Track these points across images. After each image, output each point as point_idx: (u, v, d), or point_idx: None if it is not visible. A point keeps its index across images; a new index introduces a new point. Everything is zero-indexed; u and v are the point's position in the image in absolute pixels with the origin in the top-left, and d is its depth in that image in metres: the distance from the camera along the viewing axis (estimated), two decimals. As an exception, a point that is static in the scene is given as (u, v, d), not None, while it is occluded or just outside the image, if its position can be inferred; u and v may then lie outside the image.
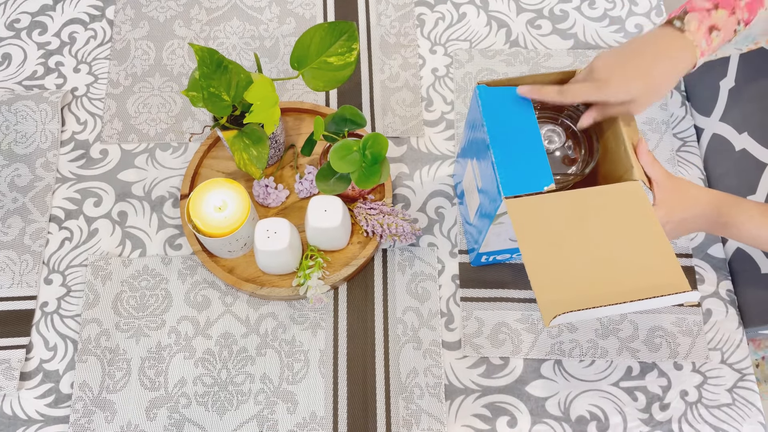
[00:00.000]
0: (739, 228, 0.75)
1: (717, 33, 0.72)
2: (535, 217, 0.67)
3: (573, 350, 0.86)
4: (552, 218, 0.67)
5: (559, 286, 0.63)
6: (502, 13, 1.09)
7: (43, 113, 0.98)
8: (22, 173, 0.95)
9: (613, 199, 0.69)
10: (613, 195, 0.69)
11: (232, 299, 0.89)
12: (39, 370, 0.85)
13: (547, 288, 0.63)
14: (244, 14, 1.08)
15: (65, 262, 0.91)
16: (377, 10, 1.09)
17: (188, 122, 1.00)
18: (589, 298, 0.62)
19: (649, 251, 0.66)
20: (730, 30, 0.73)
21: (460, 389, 0.85)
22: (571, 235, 0.67)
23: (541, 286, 0.63)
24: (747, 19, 0.74)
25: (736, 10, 0.73)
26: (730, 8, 0.73)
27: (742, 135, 0.90)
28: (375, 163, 0.82)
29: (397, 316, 0.88)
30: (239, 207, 0.83)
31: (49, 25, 1.06)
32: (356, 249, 0.90)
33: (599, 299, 0.62)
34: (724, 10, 0.72)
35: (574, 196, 0.69)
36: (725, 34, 0.73)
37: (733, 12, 0.73)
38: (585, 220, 0.67)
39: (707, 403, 0.85)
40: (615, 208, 0.68)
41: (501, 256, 0.88)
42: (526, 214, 0.68)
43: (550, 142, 0.76)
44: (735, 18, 0.73)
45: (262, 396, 0.84)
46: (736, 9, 0.73)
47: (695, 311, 0.89)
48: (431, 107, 1.02)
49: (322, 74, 0.84)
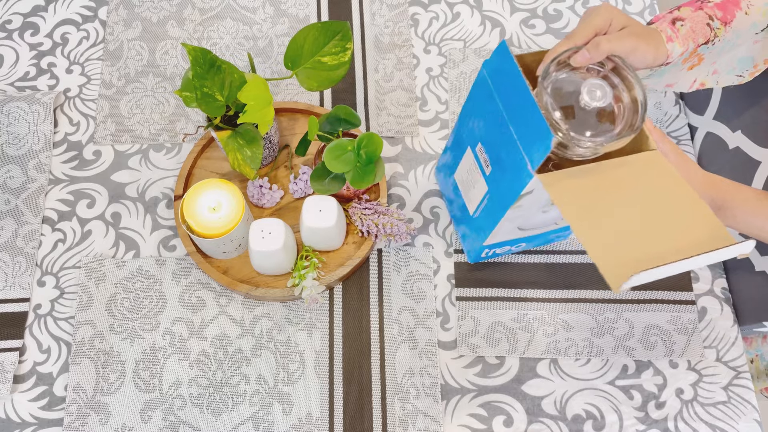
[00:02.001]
0: (734, 212, 0.74)
1: (682, 23, 0.72)
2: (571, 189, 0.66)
3: (569, 349, 0.86)
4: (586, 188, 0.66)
5: (616, 251, 0.62)
6: (496, 13, 1.09)
7: (35, 114, 0.98)
8: (15, 175, 0.95)
9: (638, 167, 0.68)
10: (637, 163, 0.68)
11: (226, 300, 0.88)
12: (32, 373, 0.85)
13: (606, 254, 0.62)
14: (238, 14, 1.08)
15: (58, 263, 0.90)
16: (371, 10, 1.08)
17: (182, 123, 0.99)
18: (649, 258, 0.61)
19: (688, 211, 0.65)
20: (701, 22, 0.73)
21: (456, 389, 0.85)
22: (610, 202, 0.66)
23: (600, 254, 0.62)
24: (723, 18, 0.74)
25: (703, 6, 0.74)
26: (695, 6, 0.74)
27: (735, 133, 0.91)
28: (370, 162, 0.82)
29: (392, 316, 0.88)
30: (233, 207, 0.83)
31: (41, 26, 1.06)
32: (351, 249, 0.89)
33: (659, 258, 0.61)
34: (688, 7, 0.74)
35: (601, 167, 0.67)
36: (694, 25, 0.72)
37: (699, 8, 0.74)
38: (618, 187, 0.67)
39: (703, 401, 0.85)
40: (642, 175, 0.67)
41: (500, 249, 0.87)
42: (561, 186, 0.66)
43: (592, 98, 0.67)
44: (704, 13, 0.73)
45: (258, 397, 0.84)
46: (703, 6, 0.74)
47: (690, 309, 0.89)
48: (426, 107, 1.01)
49: (316, 74, 0.84)
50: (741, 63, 0.80)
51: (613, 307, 0.89)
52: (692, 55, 0.75)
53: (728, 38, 0.75)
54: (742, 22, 0.75)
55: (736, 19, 0.74)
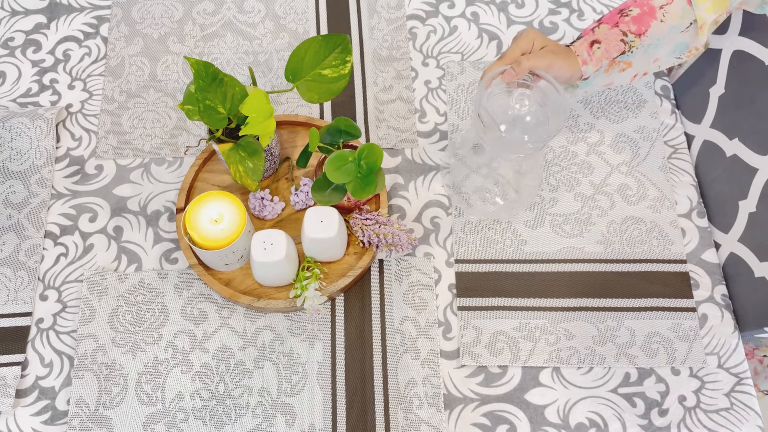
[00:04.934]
0: None
1: (598, 46, 0.82)
2: None
3: (571, 357, 0.86)
4: None
5: None
6: (493, 26, 1.10)
7: (37, 130, 0.98)
8: (17, 190, 0.95)
9: None
10: None
11: (228, 312, 0.88)
12: (35, 387, 0.84)
13: None
14: (238, 30, 1.09)
15: (61, 278, 0.90)
16: (369, 24, 1.10)
17: (183, 137, 1.00)
18: None
19: None
20: (615, 41, 0.82)
21: (459, 398, 0.85)
22: None
23: None
24: (637, 30, 0.82)
25: (620, 24, 0.83)
26: (612, 22, 0.83)
27: (732, 141, 0.92)
28: (370, 173, 0.83)
29: (394, 326, 0.88)
30: (235, 219, 0.83)
31: (43, 42, 1.07)
32: (353, 260, 0.90)
33: None
34: (606, 24, 0.83)
35: None
36: (609, 46, 0.82)
37: (615, 25, 0.83)
38: None
39: (705, 407, 0.85)
40: None
41: None
42: None
43: (521, 106, 0.80)
44: (618, 30, 0.82)
45: (261, 409, 0.83)
46: (620, 23, 0.83)
47: (691, 316, 0.89)
48: (425, 118, 1.02)
49: (316, 86, 0.84)
50: (678, 48, 0.86)
51: (615, 315, 0.89)
52: (612, 65, 0.84)
53: (647, 42, 0.83)
54: (659, 29, 0.83)
55: (651, 28, 0.83)
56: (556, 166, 0.98)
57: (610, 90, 1.03)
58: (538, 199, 0.96)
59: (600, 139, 1.00)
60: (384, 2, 1.12)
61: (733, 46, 0.91)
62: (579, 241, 0.93)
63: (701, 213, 0.96)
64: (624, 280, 0.91)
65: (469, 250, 0.93)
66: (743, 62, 0.89)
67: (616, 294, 0.90)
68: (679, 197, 0.97)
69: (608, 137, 1.00)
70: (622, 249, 0.93)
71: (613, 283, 0.91)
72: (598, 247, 0.93)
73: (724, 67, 0.93)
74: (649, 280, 0.91)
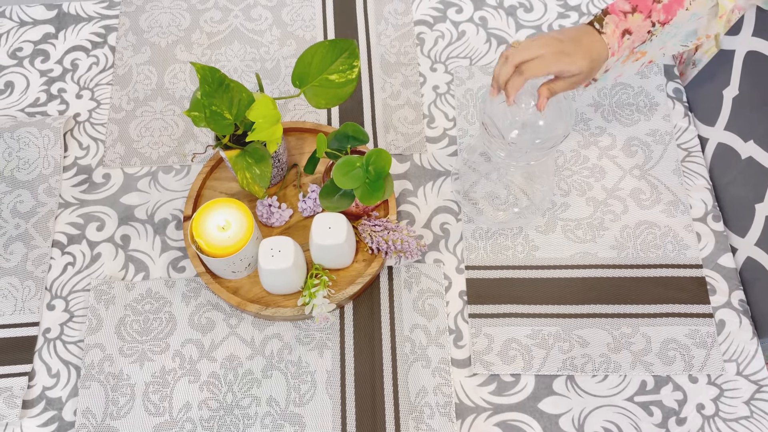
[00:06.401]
0: None
1: (629, 36, 0.77)
2: None
3: (585, 365, 0.85)
4: None
5: None
6: (501, 30, 1.09)
7: (45, 139, 0.98)
8: (25, 199, 0.95)
9: None
10: None
11: (236, 321, 0.87)
12: (42, 398, 0.84)
13: None
14: (245, 37, 1.09)
15: (68, 287, 0.90)
16: (377, 30, 1.09)
17: (190, 145, 1.00)
18: None
19: None
20: (643, 32, 0.78)
21: (471, 408, 0.83)
22: None
23: None
24: (664, 20, 0.78)
25: (653, 12, 0.77)
26: (647, 11, 0.77)
27: (747, 143, 0.90)
28: (378, 178, 0.82)
29: (404, 334, 0.86)
30: (242, 226, 0.82)
31: (51, 52, 1.07)
32: (361, 266, 0.88)
33: None
34: (641, 14, 0.77)
35: None
36: (636, 37, 0.78)
37: (649, 15, 0.77)
38: None
39: (725, 416, 0.83)
40: None
41: None
42: None
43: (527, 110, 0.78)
44: (650, 21, 0.77)
45: (269, 419, 0.82)
46: (653, 12, 0.77)
47: (708, 323, 0.87)
48: (433, 124, 1.01)
49: (323, 91, 0.84)
50: (687, 36, 0.84)
51: (629, 321, 0.87)
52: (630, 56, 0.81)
53: (666, 31, 0.80)
54: (682, 17, 0.79)
55: (676, 16, 0.78)
56: (567, 171, 0.97)
57: (621, 92, 1.02)
58: (549, 204, 0.95)
59: (612, 142, 0.99)
60: (391, 8, 1.11)
61: (747, 46, 0.89)
62: (592, 247, 0.92)
63: (716, 217, 0.94)
64: (638, 285, 0.89)
65: (479, 256, 0.91)
66: (757, 63, 0.88)
67: (630, 300, 0.89)
68: (694, 201, 0.95)
69: (620, 141, 0.99)
70: (636, 254, 0.91)
71: (628, 288, 0.89)
72: (612, 252, 0.91)
73: (738, 68, 0.91)
74: (665, 285, 0.89)
